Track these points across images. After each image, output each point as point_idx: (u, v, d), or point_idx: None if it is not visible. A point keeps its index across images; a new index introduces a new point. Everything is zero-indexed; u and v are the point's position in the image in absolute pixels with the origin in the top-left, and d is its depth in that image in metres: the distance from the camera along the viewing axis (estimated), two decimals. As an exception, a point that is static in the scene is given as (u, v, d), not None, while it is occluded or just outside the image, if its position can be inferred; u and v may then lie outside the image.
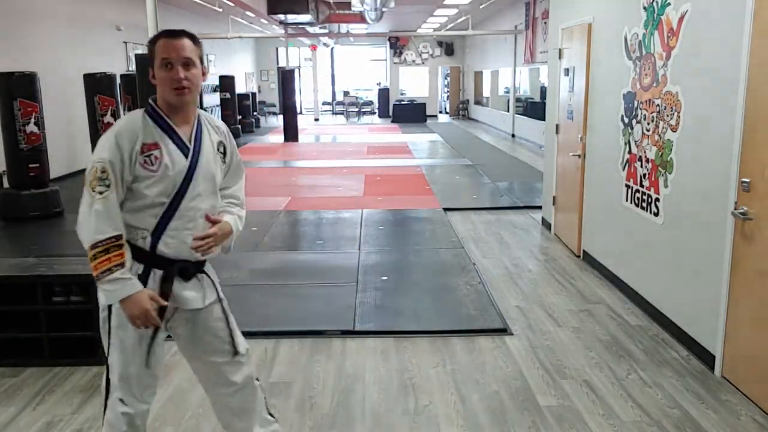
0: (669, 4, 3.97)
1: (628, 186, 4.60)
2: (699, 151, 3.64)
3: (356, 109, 25.83)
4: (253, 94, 21.04)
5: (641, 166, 4.38)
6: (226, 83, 17.17)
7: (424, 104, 23.51)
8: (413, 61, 26.35)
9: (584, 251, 5.58)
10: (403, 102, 23.95)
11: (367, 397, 3.27)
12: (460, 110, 24.80)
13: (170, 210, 2.12)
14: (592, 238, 5.43)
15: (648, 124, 4.26)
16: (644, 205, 4.34)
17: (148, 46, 2.15)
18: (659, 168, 4.11)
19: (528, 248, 6.05)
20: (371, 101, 26.50)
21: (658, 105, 4.10)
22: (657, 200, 4.15)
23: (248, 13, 15.49)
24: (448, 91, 26.97)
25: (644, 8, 4.31)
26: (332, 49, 27.25)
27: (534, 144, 14.54)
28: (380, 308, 4.47)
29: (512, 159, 12.64)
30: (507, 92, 18.23)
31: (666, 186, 4.03)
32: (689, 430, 2.94)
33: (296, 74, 19.01)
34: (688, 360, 3.64)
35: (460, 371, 3.54)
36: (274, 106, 25.70)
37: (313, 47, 24.10)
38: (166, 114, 2.14)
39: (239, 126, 17.48)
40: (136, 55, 6.92)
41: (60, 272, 3.65)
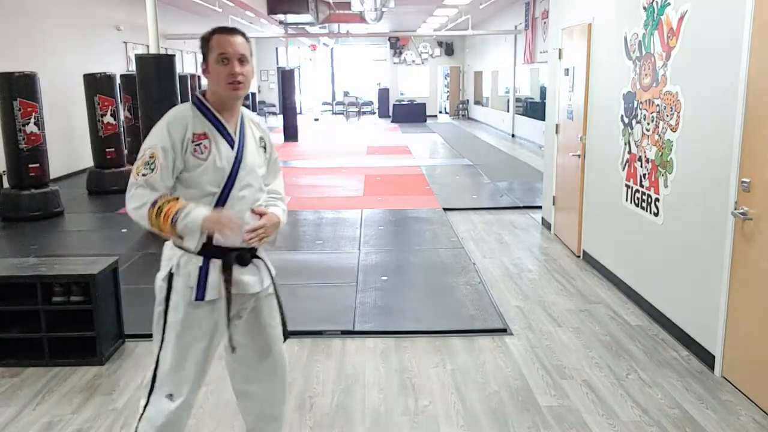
0: (669, 4, 3.97)
1: (628, 186, 4.60)
2: (699, 151, 3.64)
3: (356, 109, 25.83)
4: (253, 94, 21.07)
5: (641, 166, 4.38)
6: (226, 83, 17.13)
7: (424, 104, 23.51)
8: (413, 61, 26.35)
9: (584, 251, 5.58)
10: (403, 102, 23.94)
11: (367, 397, 3.27)
12: (460, 110, 24.80)
13: (221, 200, 2.18)
14: (592, 238, 5.43)
15: (648, 124, 4.26)
16: (644, 205, 4.34)
17: (202, 42, 2.19)
18: (659, 168, 4.11)
19: (528, 248, 6.05)
20: (371, 101, 26.50)
21: (658, 105, 4.11)
22: (657, 200, 4.15)
23: (248, 13, 15.49)
24: (448, 91, 26.97)
25: (644, 8, 4.31)
26: (332, 49, 27.25)
27: (534, 144, 14.54)
28: (380, 308, 4.47)
29: (512, 159, 12.64)
30: (507, 92, 18.23)
31: (666, 186, 4.03)
32: (689, 430, 2.94)
33: (296, 74, 19.03)
34: (688, 360, 3.64)
35: (460, 371, 3.54)
36: (274, 106, 25.68)
37: (313, 47, 24.13)
38: (215, 108, 2.19)
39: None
40: (136, 55, 6.90)
41: (60, 272, 3.65)
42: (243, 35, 2.18)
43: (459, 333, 4.05)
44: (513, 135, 17.14)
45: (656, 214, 4.17)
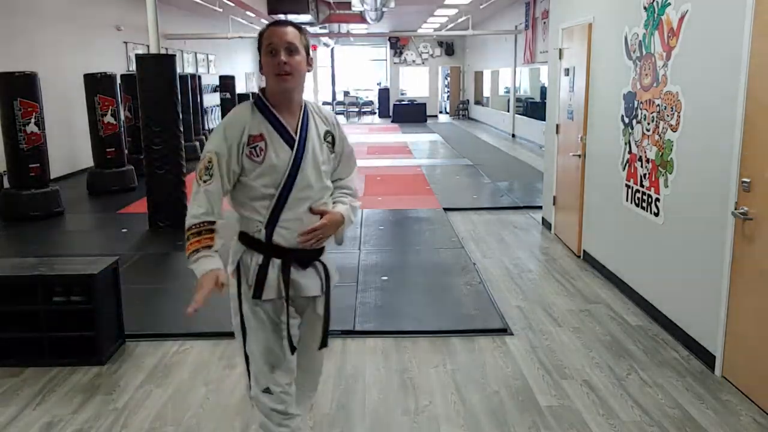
0: (669, 4, 3.97)
1: (629, 186, 4.60)
2: (699, 151, 3.64)
3: (356, 109, 25.83)
4: (253, 95, 21.02)
5: (641, 166, 4.38)
6: (226, 83, 17.13)
7: (425, 104, 23.52)
8: (413, 61, 26.36)
9: (584, 251, 5.58)
10: (404, 102, 23.95)
11: (367, 397, 3.27)
12: (460, 110, 24.80)
13: (280, 201, 2.13)
14: (593, 238, 5.43)
15: (648, 124, 4.26)
16: (644, 205, 4.34)
17: (258, 39, 2.16)
18: (659, 168, 4.11)
19: (528, 248, 6.05)
20: (371, 101, 26.49)
21: (659, 105, 4.10)
22: (657, 200, 4.15)
23: (248, 13, 15.49)
24: (449, 91, 26.98)
25: (644, 8, 4.31)
26: (332, 49, 27.25)
27: (534, 144, 14.54)
28: (380, 308, 4.47)
29: (512, 159, 12.64)
30: (507, 92, 18.24)
31: (666, 186, 4.03)
32: (689, 430, 2.94)
33: (296, 74, 18.97)
34: (688, 360, 3.64)
35: (460, 371, 3.54)
36: (274, 106, 25.65)
37: (314, 47, 24.11)
38: (273, 105, 2.15)
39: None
40: (136, 55, 6.90)
41: (60, 272, 3.66)
42: (296, 26, 2.13)
43: (459, 333, 4.04)
44: (513, 135, 17.14)
45: (656, 214, 4.17)
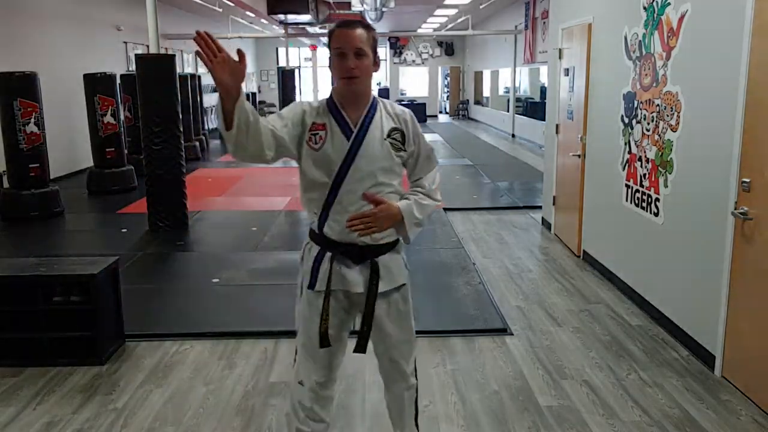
0: (669, 4, 3.97)
1: (628, 186, 4.60)
2: (699, 151, 3.64)
3: (356, 109, 25.79)
4: (253, 94, 21.06)
5: (641, 166, 4.38)
6: (226, 83, 17.13)
7: (424, 104, 23.51)
8: (413, 61, 26.35)
9: (584, 251, 5.58)
10: (403, 102, 23.95)
11: (368, 397, 3.27)
12: (460, 110, 24.80)
13: (332, 192, 2.16)
14: (592, 238, 5.43)
15: (648, 124, 4.26)
16: (644, 205, 4.34)
17: (327, 37, 2.23)
18: (659, 168, 4.11)
19: (528, 248, 6.05)
20: (371, 101, 26.46)
21: (658, 105, 4.10)
22: (657, 200, 4.15)
23: (248, 13, 15.49)
24: (448, 91, 26.97)
25: (644, 8, 4.31)
26: (332, 49, 27.22)
27: (534, 144, 14.54)
28: (380, 308, 4.46)
29: (512, 159, 12.64)
30: (507, 92, 18.24)
31: (666, 186, 4.03)
32: (689, 430, 2.94)
33: (296, 74, 19.01)
34: (688, 360, 3.64)
35: (460, 371, 3.54)
36: (274, 106, 25.67)
37: (313, 47, 24.11)
38: (340, 101, 2.22)
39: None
40: (136, 55, 6.90)
41: (60, 272, 3.65)
42: (365, 27, 2.16)
43: (459, 333, 4.05)
44: (513, 135, 17.14)
45: (656, 214, 4.17)
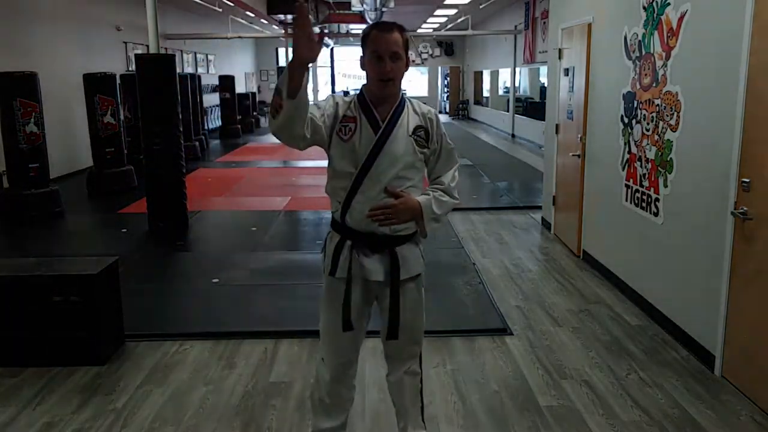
0: (669, 4, 3.97)
1: (628, 186, 4.60)
2: (699, 151, 3.64)
3: (356, 109, 25.78)
4: (253, 94, 21.02)
5: (641, 166, 4.38)
6: (226, 83, 17.15)
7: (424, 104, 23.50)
8: (413, 61, 26.29)
9: (584, 251, 5.58)
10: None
11: (367, 397, 3.27)
12: (460, 110, 24.80)
13: (356, 183, 2.26)
14: (592, 238, 5.43)
15: (648, 124, 4.26)
16: (644, 205, 4.34)
17: (362, 37, 2.30)
18: (659, 168, 4.11)
19: (528, 248, 6.05)
20: (371, 101, 26.46)
21: (658, 105, 4.11)
22: (657, 200, 4.15)
23: (248, 13, 15.49)
24: (448, 91, 26.97)
25: (644, 8, 4.31)
26: (332, 49, 27.25)
27: (534, 144, 14.54)
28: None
29: (512, 159, 12.64)
30: (507, 92, 18.24)
31: (666, 186, 4.03)
32: (689, 430, 2.94)
33: (296, 74, 18.90)
34: (688, 360, 3.64)
35: (460, 371, 3.54)
36: (274, 106, 25.65)
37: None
38: (370, 97, 2.31)
39: (239, 126, 17.46)
40: (136, 55, 6.90)
41: (60, 272, 3.65)
42: (400, 30, 2.24)
43: (459, 333, 4.04)
44: (513, 135, 17.14)
45: (656, 214, 4.17)
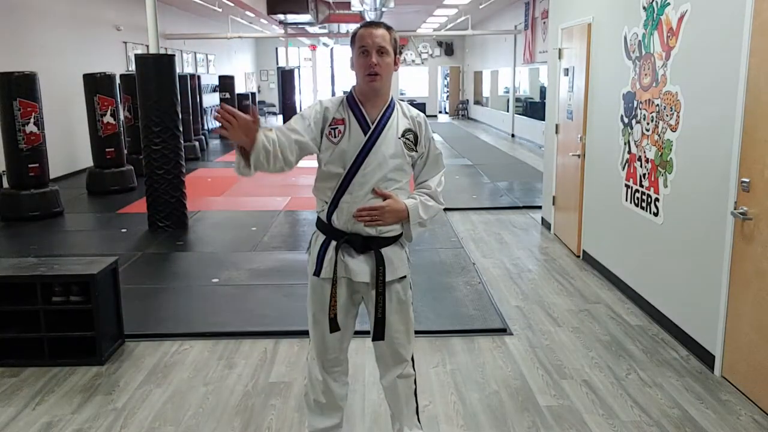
0: (669, 4, 3.97)
1: (628, 186, 4.60)
2: (699, 151, 3.64)
3: (356, 109, 25.79)
4: (253, 94, 21.02)
5: (641, 166, 4.38)
6: (226, 83, 17.15)
7: (424, 104, 23.55)
8: (413, 61, 26.35)
9: (584, 251, 5.58)
10: (403, 102, 23.92)
11: (367, 397, 3.27)
12: (460, 110, 24.81)
13: (344, 183, 2.27)
14: (592, 238, 5.43)
15: (648, 124, 4.26)
16: (644, 205, 4.34)
17: (350, 39, 2.31)
18: (659, 168, 4.11)
19: (528, 248, 6.05)
20: (371, 101, 26.47)
21: (658, 105, 4.11)
22: (657, 200, 4.15)
23: (248, 13, 15.49)
24: (448, 91, 26.98)
25: (644, 8, 4.31)
26: (332, 49, 27.25)
27: (534, 144, 14.54)
28: (380, 308, 4.46)
29: (512, 159, 12.64)
30: (507, 92, 18.24)
31: (666, 186, 4.03)
32: (689, 430, 2.94)
33: (296, 74, 19.00)
34: (688, 360, 3.64)
35: (460, 371, 3.54)
36: (274, 106, 25.69)
37: (313, 47, 24.11)
38: (360, 99, 2.32)
39: (239, 126, 17.42)
40: (136, 55, 6.90)
41: (60, 272, 3.65)
42: (387, 28, 2.25)
43: (459, 333, 4.05)
44: (513, 135, 17.14)
45: (656, 214, 4.17)
